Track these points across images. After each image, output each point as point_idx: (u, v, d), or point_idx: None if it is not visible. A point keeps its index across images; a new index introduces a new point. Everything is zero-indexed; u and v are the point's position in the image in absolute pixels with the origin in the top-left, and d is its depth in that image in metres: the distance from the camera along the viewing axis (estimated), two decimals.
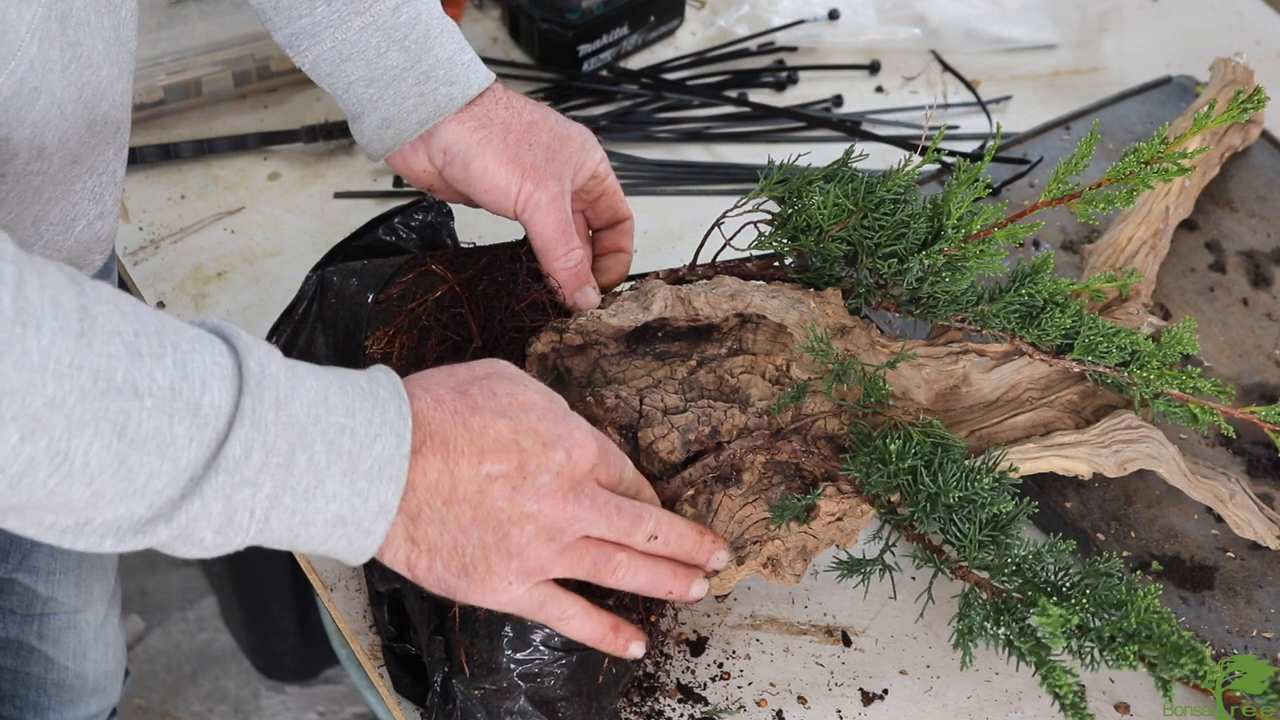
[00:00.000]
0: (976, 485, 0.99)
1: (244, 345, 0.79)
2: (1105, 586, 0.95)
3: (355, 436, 0.81)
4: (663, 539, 0.94)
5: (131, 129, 1.41)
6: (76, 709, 1.39)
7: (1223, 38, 1.62)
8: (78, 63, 0.88)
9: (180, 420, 0.75)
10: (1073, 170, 1.04)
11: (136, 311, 0.76)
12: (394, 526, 0.85)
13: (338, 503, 0.81)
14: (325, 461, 0.80)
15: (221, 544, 0.79)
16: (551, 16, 1.49)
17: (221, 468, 0.76)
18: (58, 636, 1.34)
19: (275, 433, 0.78)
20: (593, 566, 0.91)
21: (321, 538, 0.82)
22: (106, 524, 0.76)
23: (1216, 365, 1.27)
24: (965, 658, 0.98)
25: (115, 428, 0.73)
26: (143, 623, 2.27)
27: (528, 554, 0.88)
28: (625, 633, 0.95)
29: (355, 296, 1.09)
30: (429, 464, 0.84)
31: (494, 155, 1.07)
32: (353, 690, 2.17)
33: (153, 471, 0.75)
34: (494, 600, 0.89)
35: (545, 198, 1.07)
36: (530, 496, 0.87)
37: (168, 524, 0.77)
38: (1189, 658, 0.92)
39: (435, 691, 0.97)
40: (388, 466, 0.82)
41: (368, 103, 1.09)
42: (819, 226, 1.08)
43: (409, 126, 1.08)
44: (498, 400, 0.88)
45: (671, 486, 0.99)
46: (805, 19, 1.58)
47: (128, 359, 0.73)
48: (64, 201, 0.96)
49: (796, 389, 1.02)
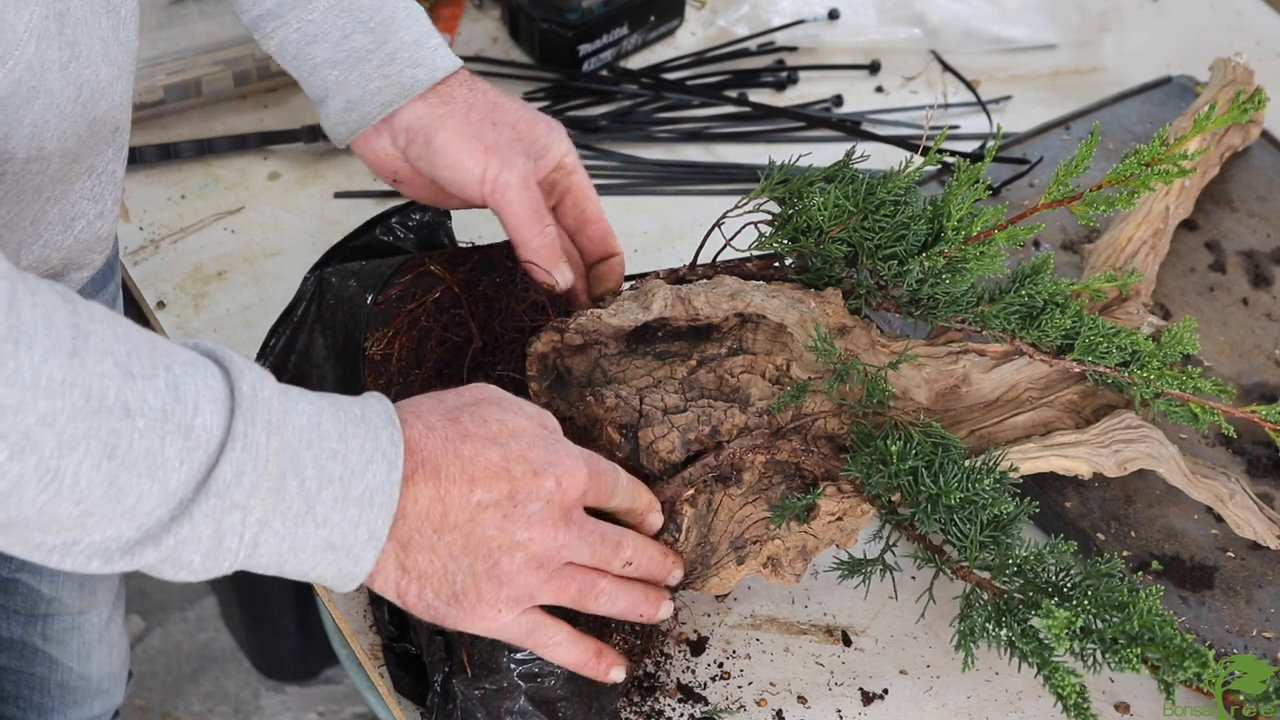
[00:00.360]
0: (977, 486, 0.99)
1: (237, 369, 0.79)
2: (1107, 588, 0.95)
3: (347, 463, 0.81)
4: (636, 563, 0.95)
5: (132, 129, 1.41)
6: (80, 710, 1.39)
7: (1223, 38, 1.62)
8: (76, 62, 0.88)
9: (171, 442, 0.74)
10: (1073, 172, 1.04)
11: (129, 332, 0.75)
12: (384, 554, 0.85)
13: (328, 529, 0.81)
14: (316, 487, 0.80)
15: (210, 568, 0.79)
16: (551, 16, 1.49)
17: (212, 491, 0.76)
18: (62, 637, 1.34)
19: (267, 457, 0.78)
20: (578, 593, 0.91)
21: (310, 564, 0.82)
22: (94, 545, 0.76)
23: (1216, 365, 1.27)
24: (967, 658, 0.98)
25: (106, 447, 0.72)
26: (143, 623, 2.27)
27: (517, 581, 0.88)
28: (608, 658, 0.95)
29: (354, 298, 1.09)
30: (420, 491, 0.84)
31: (456, 131, 1.06)
32: (353, 690, 2.17)
33: (142, 493, 0.74)
34: (483, 627, 0.89)
35: (515, 178, 1.05)
36: (521, 525, 0.87)
37: (156, 547, 0.76)
38: (1192, 661, 0.92)
39: (435, 691, 0.97)
40: (379, 494, 0.82)
41: (333, 85, 1.09)
42: (819, 227, 1.08)
43: (373, 109, 1.07)
44: (488, 427, 0.88)
45: (671, 486, 0.99)
46: (805, 19, 1.58)
47: (120, 379, 0.73)
48: (63, 201, 0.96)
49: (797, 388, 1.02)
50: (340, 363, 1.10)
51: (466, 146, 1.05)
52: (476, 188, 1.06)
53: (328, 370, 1.10)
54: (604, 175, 1.42)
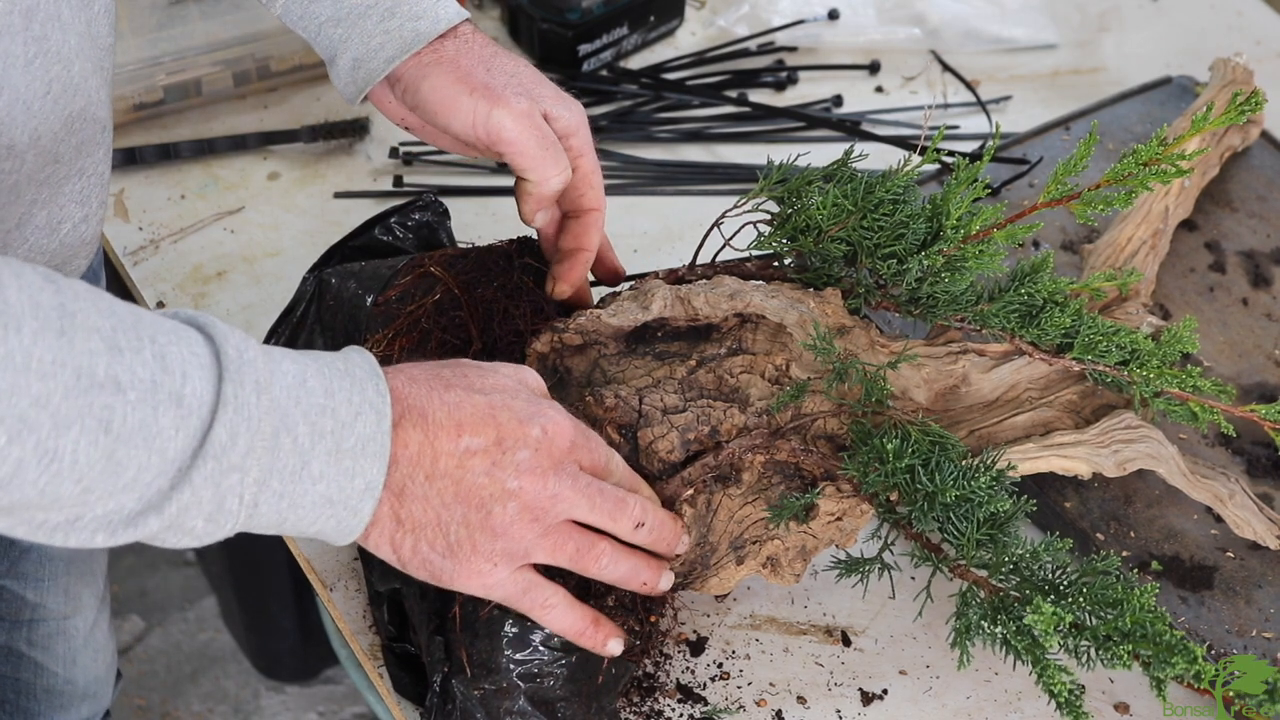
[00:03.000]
0: (973, 484, 0.99)
1: (220, 333, 0.79)
2: (1102, 585, 0.95)
3: (336, 416, 0.81)
4: (649, 526, 0.94)
5: (131, 129, 1.42)
6: (67, 715, 1.38)
7: (1223, 38, 1.62)
8: (44, 57, 0.87)
9: (165, 411, 0.75)
10: (1072, 171, 1.04)
11: (112, 306, 0.76)
12: (380, 503, 0.85)
13: (324, 483, 0.81)
14: (309, 443, 0.80)
15: (213, 531, 0.80)
16: (551, 16, 1.49)
17: (209, 455, 0.77)
18: (47, 643, 1.34)
19: (259, 416, 0.78)
20: (575, 553, 0.91)
21: (310, 519, 0.82)
22: (97, 519, 0.76)
23: (1216, 365, 1.27)
24: (963, 656, 0.98)
25: (101, 423, 0.73)
26: (143, 623, 2.27)
27: (512, 534, 0.88)
28: (605, 628, 0.95)
29: (354, 299, 1.09)
30: (409, 436, 0.85)
31: (442, 76, 1.04)
32: (353, 690, 2.17)
33: (141, 464, 0.75)
34: (479, 583, 0.89)
35: (510, 114, 1.02)
36: (511, 472, 0.87)
37: (158, 515, 0.77)
38: (1180, 658, 0.92)
39: (435, 692, 0.97)
40: (370, 443, 0.83)
41: (338, 43, 1.08)
42: (818, 227, 1.08)
43: (377, 65, 1.07)
44: (470, 379, 0.89)
45: (671, 486, 0.99)
46: (805, 19, 1.58)
47: (108, 354, 0.73)
48: (50, 205, 0.96)
49: (795, 388, 1.02)
50: None
51: (453, 90, 1.03)
52: (470, 132, 1.03)
53: None
54: (604, 175, 1.41)
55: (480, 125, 1.03)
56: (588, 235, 1.09)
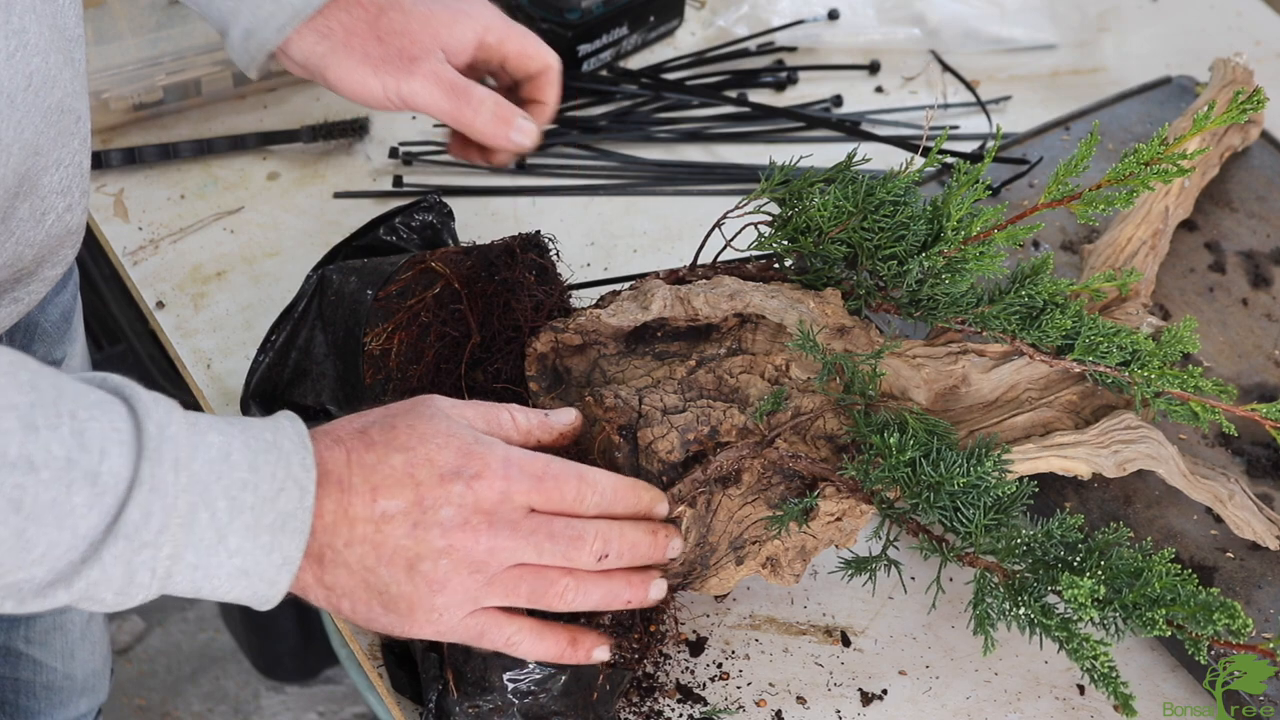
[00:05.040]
0: (979, 469, 0.98)
1: (144, 407, 0.78)
2: (1119, 556, 0.95)
3: (259, 491, 0.81)
4: (614, 554, 0.91)
5: (131, 129, 1.41)
6: (67, 710, 1.39)
7: (1223, 38, 1.62)
8: (24, 50, 0.87)
9: (78, 490, 0.75)
10: (1072, 172, 1.04)
11: (33, 380, 0.75)
12: (302, 571, 0.84)
13: (240, 557, 0.81)
14: (228, 518, 0.80)
15: (123, 602, 0.80)
16: (551, 16, 1.49)
17: (121, 534, 0.76)
18: (44, 639, 1.34)
19: (175, 494, 0.78)
20: (532, 593, 0.88)
21: (225, 589, 0.82)
22: (6, 588, 0.77)
23: (1216, 365, 1.27)
24: (987, 641, 0.97)
25: (11, 503, 0.73)
26: (143, 623, 2.27)
27: (450, 587, 0.86)
28: (585, 643, 0.93)
29: (354, 294, 1.09)
30: (324, 506, 0.84)
31: (339, 63, 1.06)
32: (353, 690, 2.17)
33: (51, 541, 0.75)
34: (431, 631, 0.88)
35: (417, 83, 1.06)
36: (437, 533, 0.85)
37: (67, 588, 0.77)
38: (1221, 613, 0.91)
39: (430, 711, 0.97)
40: (291, 520, 0.82)
41: (229, 14, 1.09)
42: (819, 228, 1.08)
43: (269, 34, 1.08)
44: (396, 435, 0.86)
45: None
46: (805, 19, 1.58)
47: (22, 433, 0.73)
48: (33, 196, 0.95)
49: (774, 396, 1.02)
50: (340, 358, 1.10)
51: (357, 74, 1.06)
52: (386, 105, 1.07)
53: (327, 366, 1.10)
54: (604, 175, 1.42)
55: (394, 98, 1.07)
56: (543, 91, 1.13)
